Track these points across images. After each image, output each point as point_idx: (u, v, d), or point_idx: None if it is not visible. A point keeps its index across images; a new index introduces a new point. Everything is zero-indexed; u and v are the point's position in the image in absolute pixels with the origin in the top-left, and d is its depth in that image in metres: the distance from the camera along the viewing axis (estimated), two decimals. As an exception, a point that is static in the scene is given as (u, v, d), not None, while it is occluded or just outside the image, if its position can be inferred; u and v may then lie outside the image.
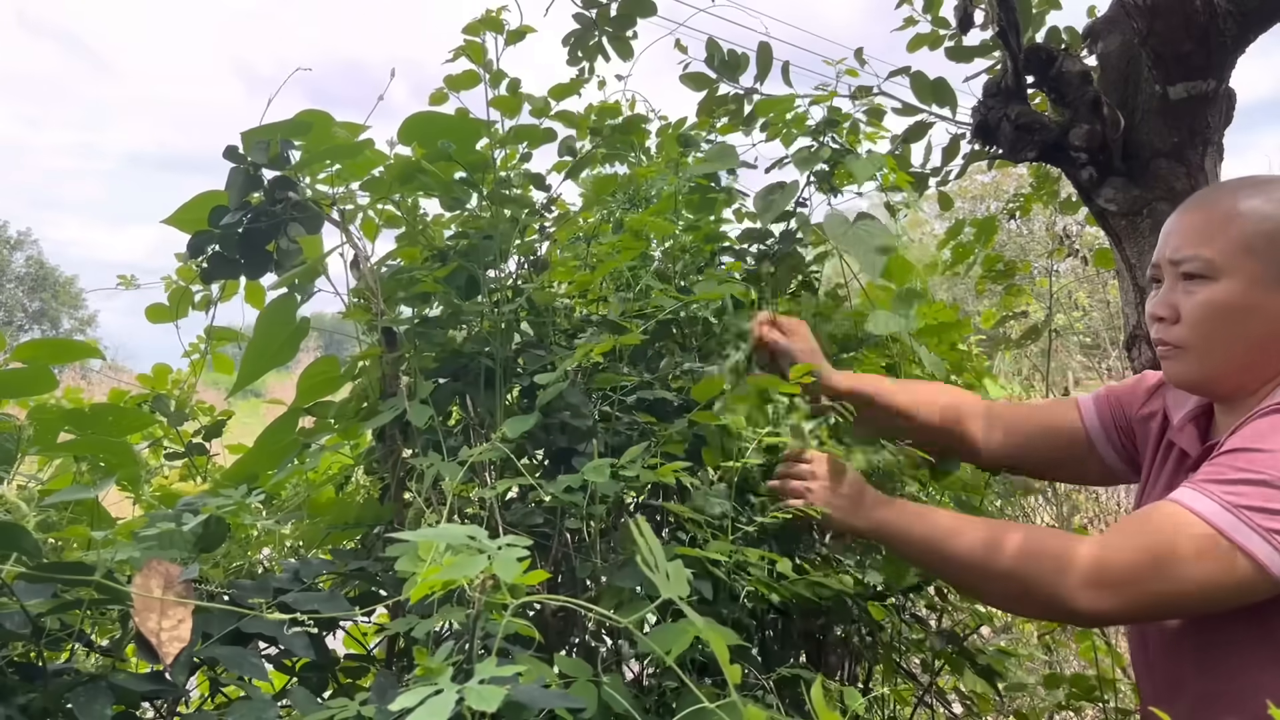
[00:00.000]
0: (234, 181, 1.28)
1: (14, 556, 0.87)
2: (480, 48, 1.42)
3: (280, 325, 1.36)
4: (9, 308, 32.25)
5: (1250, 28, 1.67)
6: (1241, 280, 1.07)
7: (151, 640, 0.83)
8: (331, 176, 1.35)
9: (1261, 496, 0.95)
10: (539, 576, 0.69)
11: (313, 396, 1.41)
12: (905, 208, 1.85)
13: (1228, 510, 0.96)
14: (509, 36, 1.44)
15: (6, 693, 0.85)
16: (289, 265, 1.32)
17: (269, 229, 1.30)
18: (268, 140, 1.28)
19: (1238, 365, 1.10)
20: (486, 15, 1.42)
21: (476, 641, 0.74)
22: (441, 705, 0.58)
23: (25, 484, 1.30)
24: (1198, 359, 1.12)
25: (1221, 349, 1.10)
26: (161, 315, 1.74)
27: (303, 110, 1.31)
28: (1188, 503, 0.99)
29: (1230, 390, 1.12)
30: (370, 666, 1.25)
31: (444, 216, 1.54)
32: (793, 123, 1.71)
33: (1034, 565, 1.05)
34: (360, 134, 1.36)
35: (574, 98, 1.53)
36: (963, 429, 1.41)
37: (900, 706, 1.96)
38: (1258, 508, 0.95)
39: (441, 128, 1.36)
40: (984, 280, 2.80)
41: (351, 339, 1.46)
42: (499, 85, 1.43)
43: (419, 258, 1.41)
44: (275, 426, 1.39)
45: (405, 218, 1.41)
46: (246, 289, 1.60)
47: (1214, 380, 1.12)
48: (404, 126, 1.35)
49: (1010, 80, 1.90)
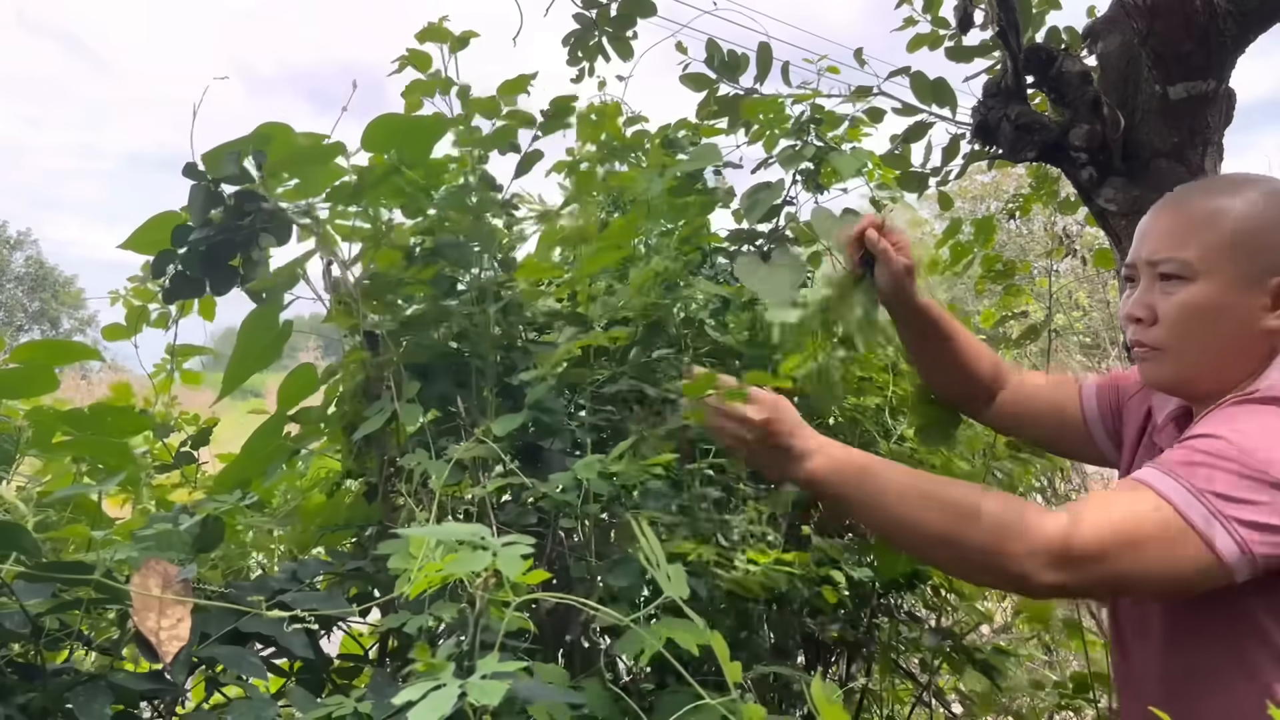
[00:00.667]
0: (195, 199, 1.29)
1: (13, 556, 0.87)
2: (426, 57, 1.45)
3: (263, 330, 1.38)
4: (9, 308, 32.24)
5: (1250, 28, 1.67)
6: (1219, 281, 1.07)
7: (151, 639, 0.83)
8: (291, 191, 1.35)
9: (1223, 482, 0.94)
10: (540, 576, 0.69)
11: (293, 402, 1.42)
12: (892, 202, 1.85)
13: (1191, 493, 0.95)
14: (453, 44, 1.46)
15: (6, 692, 0.85)
16: (256, 276, 1.33)
17: (233, 243, 1.30)
18: (237, 153, 1.28)
19: (1213, 366, 1.10)
20: (429, 27, 1.44)
21: (476, 638, 0.74)
22: (443, 699, 0.58)
23: (24, 484, 1.30)
24: (1174, 360, 1.12)
25: (1197, 350, 1.10)
26: (119, 334, 1.76)
27: (262, 123, 1.32)
28: (1153, 483, 0.98)
29: (1206, 392, 1.12)
30: (365, 667, 1.25)
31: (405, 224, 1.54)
32: (775, 122, 1.71)
33: (995, 535, 1.00)
34: (320, 142, 1.36)
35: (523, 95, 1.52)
36: (994, 390, 1.44)
37: (899, 706, 1.96)
38: (1219, 493, 0.94)
39: (404, 130, 1.36)
40: (983, 280, 2.80)
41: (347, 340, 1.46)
42: (448, 93, 1.45)
43: (394, 261, 1.42)
44: (260, 432, 1.40)
45: (370, 226, 1.41)
46: (201, 305, 1.62)
47: (1190, 382, 1.13)
48: (367, 131, 1.36)
49: (1010, 80, 1.90)
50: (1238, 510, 0.93)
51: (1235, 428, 0.98)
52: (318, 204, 1.35)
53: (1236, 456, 0.95)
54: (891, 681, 1.91)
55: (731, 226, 1.78)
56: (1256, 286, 1.06)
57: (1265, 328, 1.06)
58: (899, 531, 1.07)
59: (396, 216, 1.46)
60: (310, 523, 1.39)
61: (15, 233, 33.30)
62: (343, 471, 1.49)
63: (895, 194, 1.83)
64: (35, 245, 33.68)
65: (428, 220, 1.43)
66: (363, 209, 1.37)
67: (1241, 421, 0.99)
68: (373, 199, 1.37)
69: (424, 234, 1.45)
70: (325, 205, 1.36)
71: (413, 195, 1.38)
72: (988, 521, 1.00)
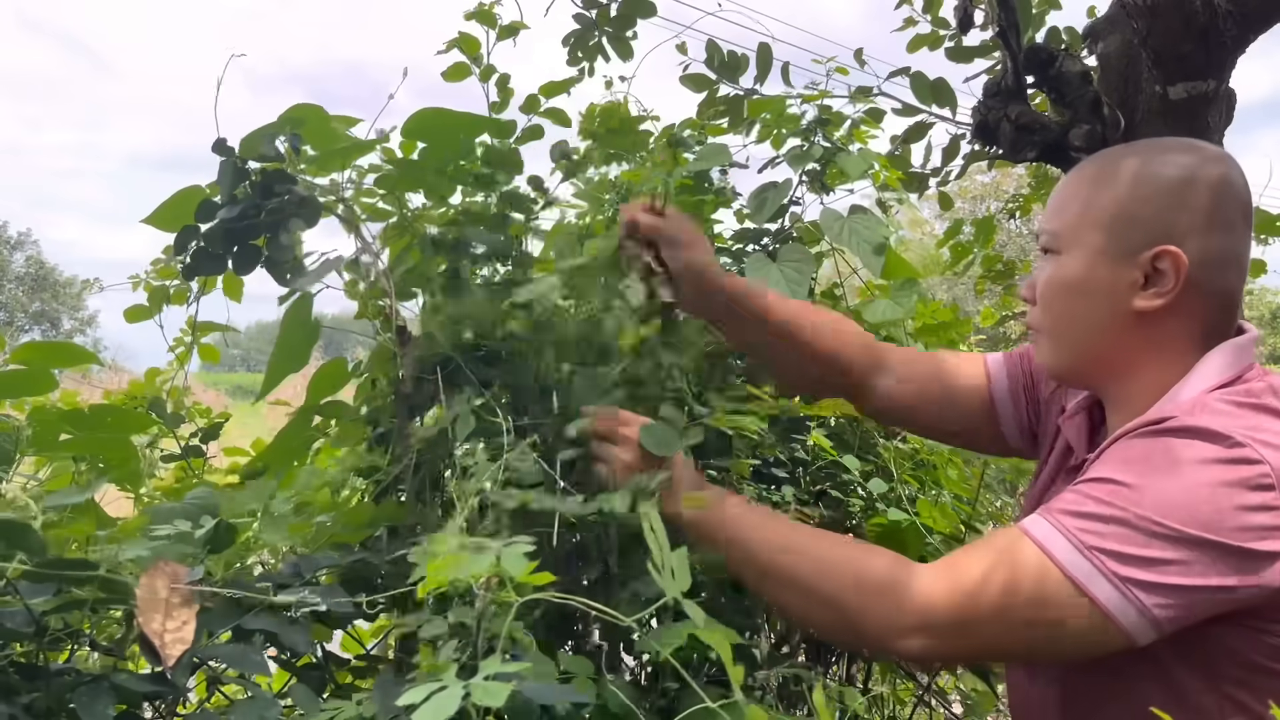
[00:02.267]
0: (224, 174, 1.27)
1: (17, 555, 0.87)
2: (475, 40, 1.43)
3: (300, 327, 1.36)
4: (9, 308, 32.23)
5: (1250, 28, 1.67)
6: (1082, 253, 0.95)
7: (155, 641, 0.83)
8: (314, 169, 1.34)
9: (1118, 538, 0.81)
10: (545, 578, 0.69)
11: (323, 396, 1.41)
12: (898, 204, 1.85)
13: (1079, 551, 0.82)
14: (500, 32, 1.45)
15: (9, 692, 0.85)
16: (282, 260, 1.31)
17: (260, 225, 1.29)
18: (272, 135, 1.27)
19: (1090, 354, 0.98)
20: (480, 8, 1.43)
21: (481, 640, 0.74)
22: (447, 701, 0.58)
23: (26, 484, 1.30)
24: (1051, 343, 1.01)
25: (1069, 330, 0.98)
26: (141, 315, 1.75)
27: (295, 105, 1.31)
28: (1038, 537, 0.85)
29: (1099, 385, 1.01)
30: (370, 666, 1.25)
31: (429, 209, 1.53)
32: (783, 122, 1.71)
33: (860, 596, 0.90)
34: (354, 126, 1.36)
35: (564, 96, 1.52)
36: (869, 379, 1.22)
37: (899, 706, 1.96)
38: (1112, 551, 0.81)
39: (447, 124, 1.35)
40: (983, 280, 2.80)
41: (350, 337, 1.45)
42: (489, 80, 1.44)
43: (416, 256, 1.41)
44: (290, 426, 1.39)
45: (396, 210, 1.40)
46: (225, 283, 1.58)
47: (1075, 370, 1.01)
48: (409, 123, 1.35)
49: (1010, 80, 1.91)
50: (1134, 570, 0.80)
51: (1138, 471, 0.83)
52: (345, 185, 1.34)
53: (1135, 507, 0.81)
54: (891, 681, 1.91)
55: (734, 226, 1.79)
56: (1125, 261, 0.93)
57: (1135, 308, 0.93)
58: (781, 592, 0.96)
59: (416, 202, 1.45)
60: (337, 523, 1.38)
61: (15, 233, 33.29)
62: (360, 469, 1.48)
63: (900, 195, 1.83)
64: (35, 245, 33.67)
65: (454, 210, 1.43)
66: (393, 196, 1.36)
67: (1147, 462, 0.84)
68: (408, 185, 1.35)
69: (450, 224, 1.44)
70: (349, 187, 1.35)
71: (450, 184, 1.36)
72: (850, 578, 0.90)
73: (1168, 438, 0.85)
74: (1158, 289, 0.92)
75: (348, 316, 1.41)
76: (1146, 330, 0.94)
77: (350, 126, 1.34)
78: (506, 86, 1.44)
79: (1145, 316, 0.93)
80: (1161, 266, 0.91)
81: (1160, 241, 0.91)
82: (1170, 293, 0.92)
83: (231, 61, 1.36)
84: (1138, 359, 0.95)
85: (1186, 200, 0.92)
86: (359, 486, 1.51)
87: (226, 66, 1.32)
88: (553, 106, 1.48)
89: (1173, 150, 0.96)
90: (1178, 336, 0.94)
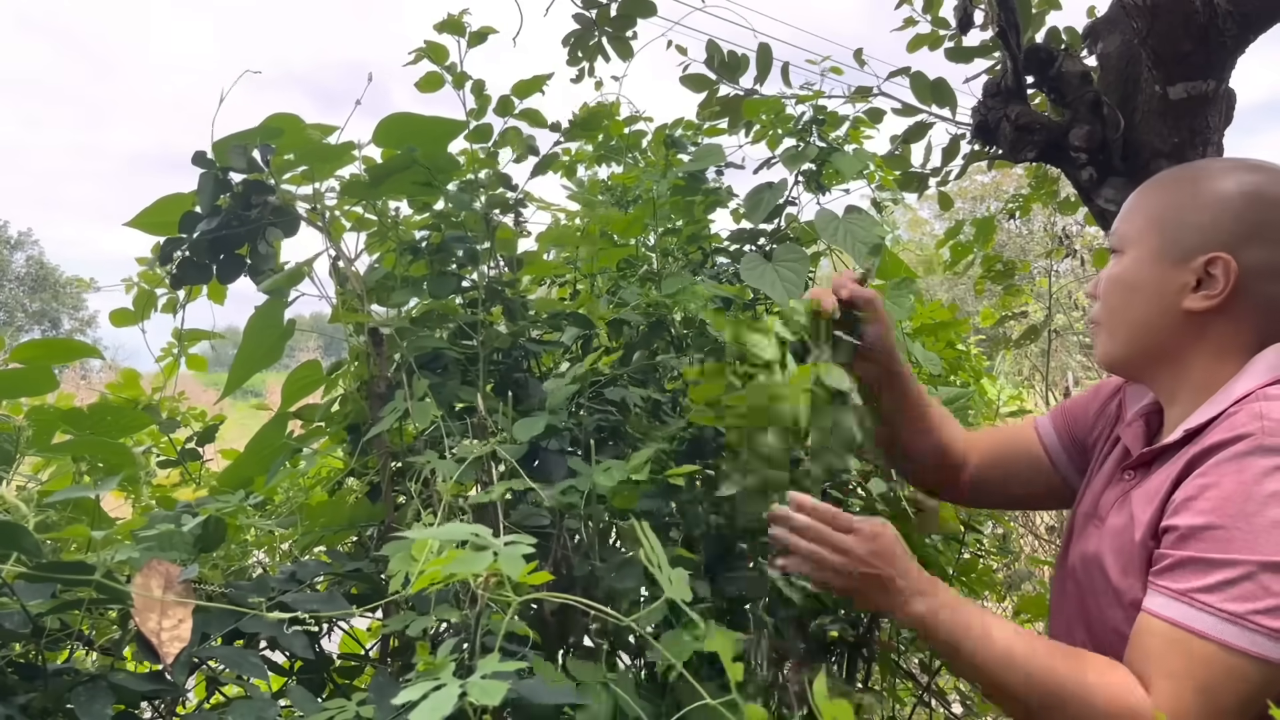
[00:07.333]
0: (204, 186, 1.29)
1: (14, 556, 0.87)
2: (443, 49, 1.44)
3: (268, 328, 1.37)
4: (9, 308, 32.23)
5: (1250, 28, 1.67)
6: (1141, 253, 1.04)
7: (152, 640, 0.83)
8: (298, 177, 1.34)
9: (1252, 593, 0.85)
10: (543, 577, 0.69)
11: (298, 399, 1.42)
12: (894, 203, 1.85)
13: (1232, 622, 0.85)
14: (470, 38, 1.45)
15: (7, 692, 0.85)
16: (264, 268, 1.33)
17: (240, 236, 1.31)
18: (244, 145, 1.28)
19: (1141, 347, 1.05)
20: (448, 18, 1.43)
21: (478, 639, 0.74)
22: (444, 700, 0.58)
23: (24, 484, 1.30)
24: (1107, 336, 1.09)
25: (1123, 325, 1.06)
26: (127, 319, 1.75)
27: (272, 114, 1.31)
28: (1191, 625, 0.87)
29: (1150, 377, 1.08)
30: (366, 666, 1.25)
31: (412, 216, 1.54)
32: (779, 122, 1.71)
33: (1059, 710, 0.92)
34: (332, 134, 1.36)
35: (538, 95, 1.52)
36: (968, 457, 1.33)
37: (899, 706, 1.96)
38: (1261, 610, 0.84)
39: (417, 129, 1.36)
40: (983, 280, 2.80)
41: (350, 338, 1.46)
42: (462, 86, 1.44)
43: (392, 262, 1.42)
44: (263, 431, 1.40)
45: (378, 219, 1.41)
46: (210, 289, 1.59)
47: (1127, 362, 1.08)
48: (379, 128, 1.36)
49: (1010, 80, 1.90)
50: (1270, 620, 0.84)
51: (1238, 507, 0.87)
52: (325, 194, 1.35)
53: (1255, 554, 0.85)
54: (892, 681, 1.91)
55: (730, 226, 1.79)
56: (1180, 264, 1.01)
57: (1187, 308, 1.01)
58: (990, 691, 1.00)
59: (403, 209, 1.46)
60: (315, 522, 1.39)
61: (15, 233, 33.31)
62: (345, 470, 1.49)
63: (896, 195, 1.83)
64: (35, 245, 33.69)
65: (434, 215, 1.43)
66: (371, 203, 1.37)
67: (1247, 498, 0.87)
68: (385, 192, 1.36)
69: (430, 229, 1.44)
70: (333, 195, 1.36)
71: (423, 189, 1.37)
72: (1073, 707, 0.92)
73: (1255, 458, 0.88)
74: (1208, 292, 1.00)
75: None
76: (1197, 329, 1.01)
77: (327, 135, 1.35)
78: (483, 93, 1.44)
79: (1195, 316, 1.01)
80: (1214, 271, 0.99)
81: (1214, 249, 0.99)
82: (1219, 295, 0.99)
83: (231, 62, 1.36)
84: (1186, 355, 1.02)
85: (1242, 213, 0.99)
86: (351, 487, 1.52)
87: (236, 81, 1.32)
88: (528, 108, 1.48)
89: (1238, 166, 1.04)
90: (1226, 337, 1.01)
